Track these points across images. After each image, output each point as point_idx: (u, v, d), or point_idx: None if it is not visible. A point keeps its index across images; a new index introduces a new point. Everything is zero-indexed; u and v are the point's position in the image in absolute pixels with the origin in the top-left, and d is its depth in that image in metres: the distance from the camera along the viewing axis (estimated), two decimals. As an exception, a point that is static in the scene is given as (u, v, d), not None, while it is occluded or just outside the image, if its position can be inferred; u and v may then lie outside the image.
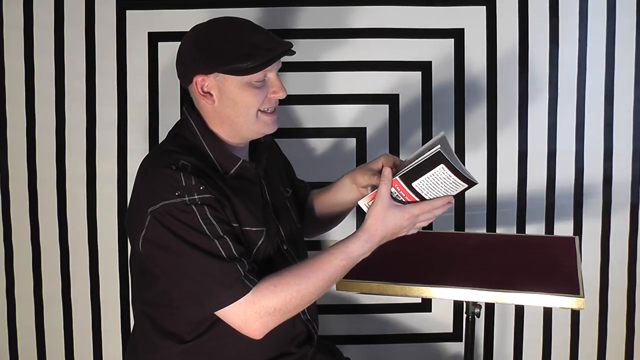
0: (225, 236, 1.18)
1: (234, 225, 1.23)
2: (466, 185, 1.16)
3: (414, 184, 1.17)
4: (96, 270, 1.98)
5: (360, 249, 1.21)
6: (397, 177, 1.18)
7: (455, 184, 1.15)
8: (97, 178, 1.95)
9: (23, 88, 1.93)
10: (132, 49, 1.93)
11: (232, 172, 1.28)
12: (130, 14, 1.92)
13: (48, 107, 1.94)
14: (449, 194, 1.18)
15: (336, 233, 1.65)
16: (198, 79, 1.26)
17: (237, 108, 1.26)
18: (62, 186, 1.96)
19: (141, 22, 1.92)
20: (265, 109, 1.28)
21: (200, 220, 1.17)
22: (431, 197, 1.19)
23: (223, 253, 1.17)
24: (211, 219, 1.18)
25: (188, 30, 1.33)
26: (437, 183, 1.15)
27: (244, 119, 1.27)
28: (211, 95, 1.26)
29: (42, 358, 2.02)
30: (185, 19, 1.89)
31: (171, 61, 1.91)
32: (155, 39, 1.92)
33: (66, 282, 1.99)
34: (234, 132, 1.30)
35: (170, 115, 1.95)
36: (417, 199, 1.20)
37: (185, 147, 1.27)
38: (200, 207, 1.17)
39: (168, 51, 1.91)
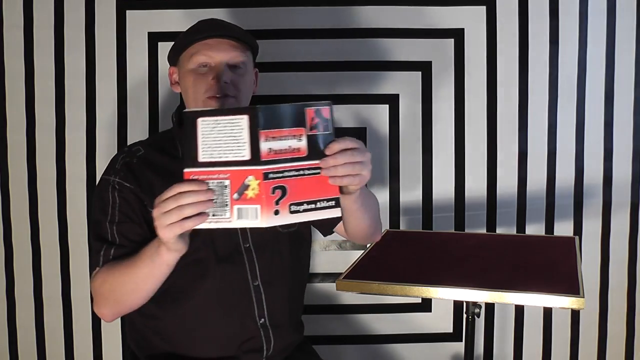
0: (116, 225, 1.29)
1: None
2: (243, 118, 0.96)
3: None
4: (96, 270, 1.98)
5: (152, 242, 1.14)
6: None
7: (225, 128, 0.99)
8: (97, 178, 1.95)
9: (23, 88, 1.93)
10: (132, 49, 1.93)
11: None
12: (130, 14, 1.92)
13: (48, 107, 1.94)
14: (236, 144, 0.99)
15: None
16: (170, 70, 1.44)
17: (187, 94, 1.36)
18: (62, 186, 1.96)
19: (141, 22, 1.92)
20: (212, 96, 1.32)
21: (110, 200, 1.31)
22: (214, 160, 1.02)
23: (108, 234, 1.29)
24: (117, 204, 1.31)
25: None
26: (212, 136, 0.99)
27: (193, 104, 1.34)
28: (178, 84, 1.41)
29: (42, 358, 2.02)
30: (185, 19, 1.89)
31: (171, 61, 1.92)
32: (155, 39, 1.92)
33: (66, 282, 1.99)
34: None
35: (170, 115, 1.95)
36: None
37: (162, 136, 1.45)
38: (113, 189, 1.32)
39: (168, 51, 1.91)
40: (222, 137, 0.97)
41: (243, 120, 0.94)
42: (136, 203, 1.31)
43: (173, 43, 1.42)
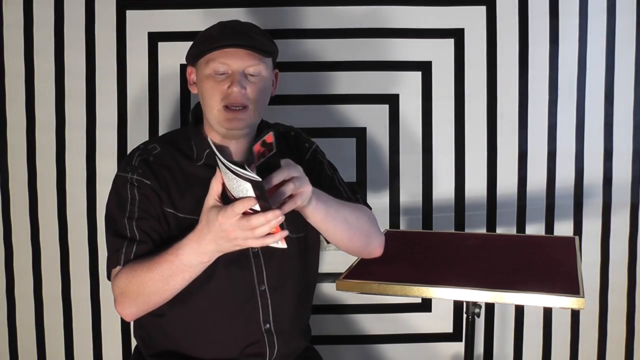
0: (135, 221, 1.30)
1: (169, 210, 1.31)
2: (248, 183, 1.04)
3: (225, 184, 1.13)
4: (96, 270, 1.98)
5: (188, 247, 1.16)
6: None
7: (237, 181, 1.06)
8: (97, 178, 1.95)
9: (23, 88, 1.93)
10: (132, 49, 1.93)
11: (202, 161, 1.36)
12: (130, 14, 1.92)
13: (48, 107, 1.94)
14: (246, 193, 1.07)
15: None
16: (188, 69, 1.40)
17: (203, 99, 1.35)
18: (62, 186, 1.96)
19: (141, 22, 1.92)
20: (227, 104, 1.30)
21: (128, 197, 1.32)
22: (238, 197, 1.10)
23: (127, 231, 1.29)
24: (137, 200, 1.31)
25: (188, 30, 1.37)
26: (230, 181, 1.08)
27: (209, 109, 1.33)
28: (196, 85, 1.38)
29: (42, 358, 2.02)
30: (185, 19, 1.89)
31: (171, 61, 1.92)
32: (155, 39, 1.92)
33: (66, 282, 1.99)
34: (209, 124, 1.36)
35: (170, 115, 1.95)
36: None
37: (178, 134, 1.43)
38: (132, 186, 1.32)
39: (168, 51, 1.91)
40: (232, 183, 1.07)
41: (243, 185, 1.04)
42: (156, 200, 1.31)
43: (192, 42, 1.38)
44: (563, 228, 2.01)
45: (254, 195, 1.04)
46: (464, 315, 1.52)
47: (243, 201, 1.05)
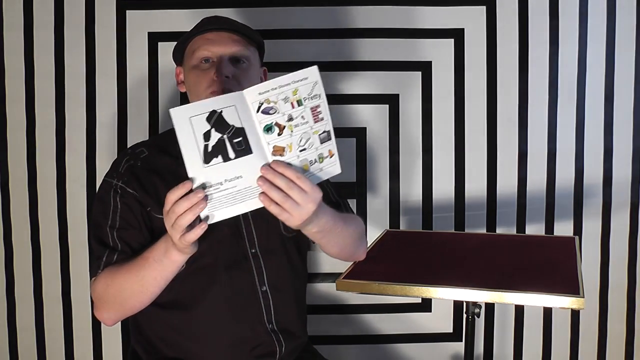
0: (116, 231, 1.27)
1: (159, 216, 1.25)
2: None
3: None
4: (96, 270, 1.98)
5: (159, 245, 1.17)
6: None
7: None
8: (96, 178, 1.95)
9: (23, 88, 1.93)
10: (132, 49, 1.93)
11: None
12: (130, 14, 1.92)
13: (48, 107, 1.94)
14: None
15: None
16: (177, 70, 1.41)
17: (190, 89, 1.34)
18: (62, 186, 1.96)
19: (141, 22, 1.92)
20: (215, 91, 1.28)
21: (111, 204, 1.29)
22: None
23: (109, 239, 1.27)
24: (118, 209, 1.29)
25: (188, 30, 1.38)
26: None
27: (196, 99, 1.29)
28: (184, 84, 1.37)
29: (42, 358, 2.02)
30: (185, 19, 1.90)
31: (171, 61, 1.92)
32: (155, 39, 1.93)
33: (66, 282, 1.99)
34: None
35: (170, 115, 1.95)
36: None
37: (165, 137, 1.39)
38: (115, 194, 1.29)
39: (168, 51, 1.91)
40: None
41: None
42: (138, 209, 1.28)
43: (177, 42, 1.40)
44: (563, 228, 2.01)
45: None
46: (464, 315, 1.52)
47: (174, 189, 1.04)
